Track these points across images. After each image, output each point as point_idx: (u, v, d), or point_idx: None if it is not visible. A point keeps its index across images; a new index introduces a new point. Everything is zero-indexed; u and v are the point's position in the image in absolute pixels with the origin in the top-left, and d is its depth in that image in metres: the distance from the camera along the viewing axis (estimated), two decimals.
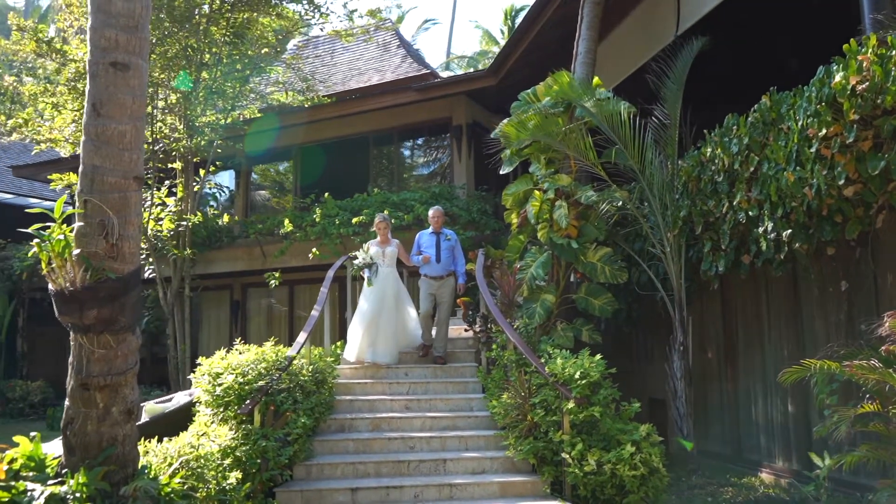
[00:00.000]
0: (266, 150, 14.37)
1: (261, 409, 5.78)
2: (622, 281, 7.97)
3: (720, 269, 6.84)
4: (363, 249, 8.36)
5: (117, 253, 3.78)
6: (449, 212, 11.17)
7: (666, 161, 7.51)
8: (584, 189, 8.00)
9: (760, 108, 6.12)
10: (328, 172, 13.98)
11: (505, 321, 7.04)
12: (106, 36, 3.64)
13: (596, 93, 8.29)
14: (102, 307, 3.75)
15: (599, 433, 5.93)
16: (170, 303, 12.07)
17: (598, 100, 7.96)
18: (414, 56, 15.58)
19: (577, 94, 7.54)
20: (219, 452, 5.07)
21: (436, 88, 12.04)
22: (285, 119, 13.27)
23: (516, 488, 6.05)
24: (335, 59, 16.96)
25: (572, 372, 6.04)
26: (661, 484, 5.73)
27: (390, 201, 11.37)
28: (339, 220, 11.31)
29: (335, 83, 14.80)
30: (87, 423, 3.92)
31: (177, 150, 12.06)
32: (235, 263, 13.31)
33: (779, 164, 5.78)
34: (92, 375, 3.86)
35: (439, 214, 8.59)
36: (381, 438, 6.70)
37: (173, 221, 11.96)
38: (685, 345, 7.37)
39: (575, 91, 7.56)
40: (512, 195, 8.71)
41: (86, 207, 3.73)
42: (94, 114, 3.69)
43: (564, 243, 7.92)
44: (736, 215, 6.41)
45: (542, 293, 8.04)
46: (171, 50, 11.27)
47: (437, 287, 8.34)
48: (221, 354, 6.33)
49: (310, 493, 5.87)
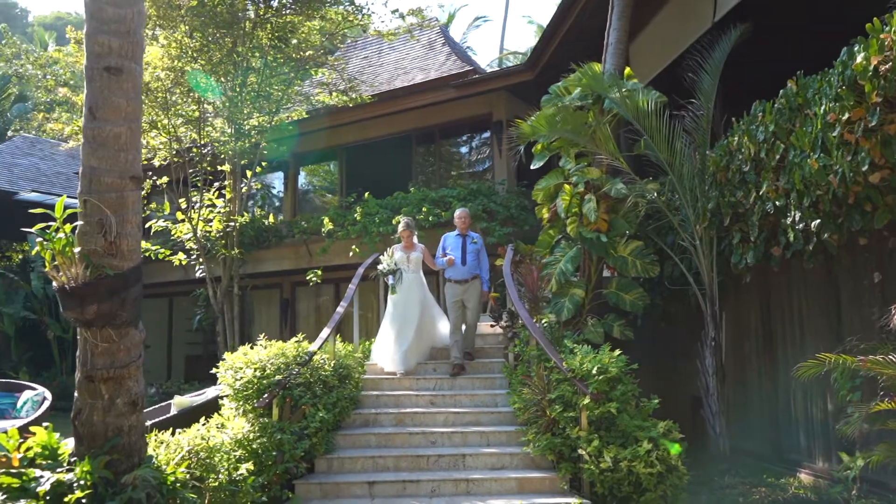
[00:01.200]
0: (312, 151, 14.69)
1: (278, 403, 5.91)
2: (654, 275, 7.79)
3: (749, 262, 6.59)
4: (387, 254, 8.24)
5: (116, 250, 3.94)
6: (487, 208, 11.16)
7: (696, 152, 7.29)
8: (614, 182, 7.85)
9: (786, 94, 5.89)
10: (372, 171, 14.17)
11: (527, 316, 6.98)
12: (99, 41, 3.80)
13: (626, 84, 8.15)
14: (102, 302, 3.91)
15: (618, 430, 5.81)
16: (220, 301, 12.43)
17: (627, 91, 7.82)
18: (459, 53, 15.60)
19: (604, 85, 7.40)
20: (232, 444, 5.21)
21: (473, 85, 12.03)
22: (329, 120, 13.53)
23: (534, 484, 6.00)
24: (382, 59, 17.13)
25: (590, 367, 5.94)
26: (679, 482, 5.58)
27: (429, 198, 11.43)
28: (379, 219, 11.44)
29: (380, 83, 14.97)
30: (94, 413, 4.10)
31: (225, 152, 12.42)
32: (282, 262, 13.63)
33: (804, 152, 5.55)
34: (96, 368, 4.04)
35: (465, 216, 8.41)
36: (403, 433, 6.75)
37: (221, 222, 12.31)
38: (717, 340, 7.14)
39: (600, 82, 7.43)
40: (543, 190, 8.62)
41: (85, 207, 3.90)
42: (91, 117, 3.86)
43: (594, 237, 7.79)
44: (764, 205, 6.18)
45: (572, 288, 7.93)
46: (216, 55, 11.59)
47: (462, 291, 8.10)
48: (244, 350, 6.50)
49: (328, 486, 5.97)
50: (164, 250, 12.60)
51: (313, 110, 13.20)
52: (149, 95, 11.14)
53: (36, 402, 8.73)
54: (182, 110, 11.97)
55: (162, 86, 11.19)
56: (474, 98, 12.56)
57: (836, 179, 5.19)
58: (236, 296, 12.60)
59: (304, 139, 14.26)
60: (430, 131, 13.67)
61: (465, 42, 25.83)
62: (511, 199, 11.43)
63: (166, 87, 11.24)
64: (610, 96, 7.42)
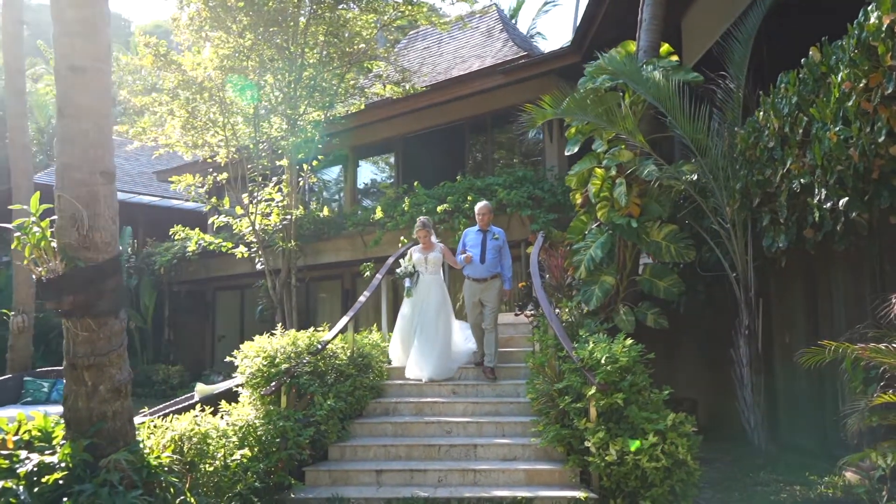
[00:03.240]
0: (370, 143, 14.87)
1: (286, 391, 6.02)
2: (689, 260, 7.44)
3: (781, 245, 6.17)
4: (406, 257, 7.93)
5: (90, 243, 4.10)
6: (533, 195, 10.96)
7: (725, 130, 6.89)
8: (646, 164, 7.53)
9: (808, 63, 5.46)
10: (427, 161, 14.20)
11: (547, 303, 6.80)
12: (63, 43, 3.96)
13: (660, 62, 7.80)
14: (78, 293, 4.08)
15: (627, 422, 5.58)
16: (278, 292, 12.78)
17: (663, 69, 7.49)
18: (516, 39, 15.38)
19: (624, 68, 7.09)
20: (230, 430, 5.34)
21: (520, 70, 11.82)
22: (385, 112, 13.64)
23: (543, 476, 5.85)
24: (441, 49, 17.12)
25: (599, 356, 5.73)
26: (689, 478, 5.29)
27: (475, 187, 11.34)
28: (426, 209, 11.44)
29: (438, 73, 14.98)
30: (79, 399, 4.30)
31: (282, 147, 12.73)
32: (340, 254, 13.88)
33: (826, 125, 5.12)
34: (78, 356, 4.23)
35: (486, 210, 7.83)
36: (420, 422, 6.73)
37: (279, 216, 12.64)
38: (751, 328, 6.74)
39: (619, 64, 7.13)
40: (576, 175, 8.37)
41: (59, 202, 4.08)
42: (60, 115, 4.03)
43: (625, 222, 7.51)
44: (790, 184, 5.76)
45: (602, 275, 7.67)
46: (267, 53, 11.88)
47: (480, 290, 7.56)
48: (260, 339, 6.66)
49: (337, 473, 6.03)
50: (227, 243, 13.06)
51: (369, 103, 13.34)
52: (202, 94, 11.55)
53: None
54: (238, 107, 12.34)
55: (215, 85, 11.56)
56: (524, 83, 12.32)
57: (856, 153, 4.77)
58: (294, 287, 12.93)
59: (362, 132, 14.44)
60: (483, 119, 13.54)
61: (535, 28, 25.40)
62: (559, 185, 11.17)
63: (219, 87, 11.60)
64: (627, 79, 7.10)
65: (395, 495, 5.63)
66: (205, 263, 15.90)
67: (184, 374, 15.20)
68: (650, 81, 7.07)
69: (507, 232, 11.29)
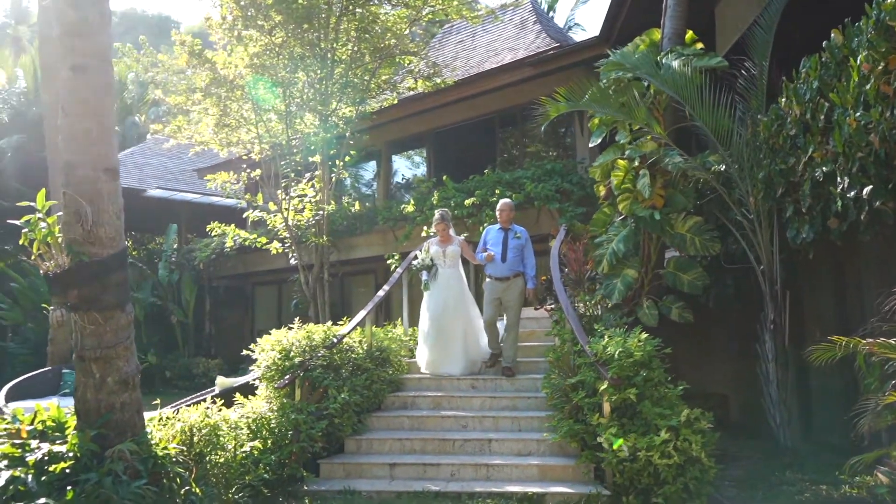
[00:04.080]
0: (402, 138, 14.90)
1: (300, 384, 6.08)
2: (714, 252, 7.25)
3: (805, 237, 5.95)
4: (423, 249, 7.80)
5: (94, 238, 4.20)
6: (561, 188, 10.83)
7: (748, 118, 6.68)
8: (670, 155, 7.35)
9: (830, 46, 5.24)
10: (459, 155, 14.18)
11: (564, 296, 6.71)
12: (64, 43, 4.05)
13: (685, 50, 7.60)
14: (83, 287, 4.19)
15: (641, 418, 5.46)
16: (312, 287, 12.92)
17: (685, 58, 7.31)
18: (550, 31, 15.21)
19: (636, 62, 6.95)
20: (244, 423, 5.42)
21: (548, 62, 11.67)
22: (416, 106, 13.65)
23: (556, 472, 5.79)
24: (475, 42, 17.05)
25: (613, 351, 5.62)
26: (703, 476, 5.15)
27: (503, 181, 11.25)
28: (454, 203, 11.41)
29: (471, 66, 14.93)
30: (87, 391, 4.41)
31: (313, 143, 12.85)
32: (373, 248, 13.95)
33: (847, 110, 4.91)
34: (85, 348, 4.34)
35: (507, 208, 7.71)
36: (436, 416, 6.73)
37: (311, 211, 12.77)
38: (777, 323, 6.53)
39: (629, 59, 7.01)
40: (600, 167, 8.21)
41: (64, 199, 4.18)
42: (63, 114, 4.13)
43: (648, 214, 7.35)
44: (813, 172, 5.54)
45: (624, 268, 7.53)
46: (297, 50, 11.99)
47: (501, 290, 7.41)
48: (277, 333, 6.73)
49: (351, 466, 6.07)
50: (261, 239, 13.26)
51: (402, 98, 13.37)
52: (235, 92, 11.72)
53: None
54: (269, 105, 12.49)
55: (246, 83, 11.72)
56: (554, 75, 12.14)
57: (877, 139, 4.56)
58: (327, 282, 13.05)
59: (394, 127, 14.49)
60: (513, 112, 13.43)
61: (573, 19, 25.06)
62: (588, 178, 10.98)
63: (251, 84, 11.75)
64: (641, 72, 6.95)
65: (407, 489, 5.64)
66: (242, 259, 16.18)
67: (223, 367, 15.47)
68: (669, 72, 6.89)
69: (536, 226, 11.22)
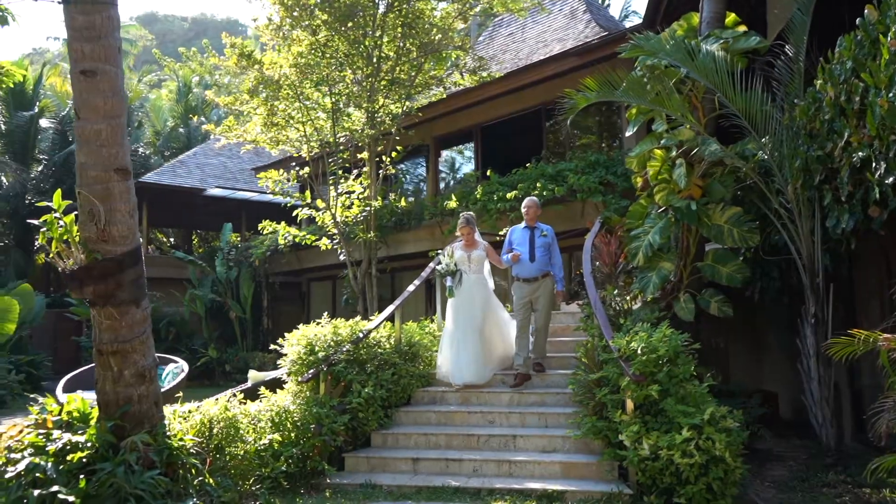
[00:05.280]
0: (450, 133, 14.90)
1: (323, 378, 6.15)
2: (753, 244, 6.95)
3: (845, 226, 5.63)
4: (446, 254, 7.50)
5: (108, 237, 4.34)
6: (605, 180, 10.61)
7: (786, 104, 6.37)
8: (707, 144, 7.09)
9: (864, 23, 4.94)
10: (506, 148, 14.07)
11: (594, 291, 6.56)
12: (74, 48, 4.19)
13: (724, 33, 7.32)
14: (98, 284, 4.34)
15: (665, 415, 5.30)
16: (360, 283, 13.07)
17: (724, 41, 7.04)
18: (600, 20, 14.93)
19: (661, 46, 6.73)
20: (265, 416, 5.52)
21: (592, 52, 11.41)
22: (463, 100, 13.61)
23: (579, 470, 5.67)
24: (525, 34, 16.90)
25: (636, 346, 5.47)
26: (728, 476, 4.95)
27: (546, 174, 11.10)
28: (497, 196, 11.33)
29: (520, 59, 14.80)
30: (106, 383, 4.57)
31: (361, 140, 12.98)
32: (420, 244, 14.00)
33: (880, 90, 4.63)
34: (103, 342, 4.50)
35: (533, 205, 7.47)
36: (463, 412, 6.70)
37: (359, 208, 12.91)
38: (819, 317, 6.21)
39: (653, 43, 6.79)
40: (636, 157, 7.99)
41: (80, 199, 4.34)
42: (76, 117, 4.28)
43: (684, 205, 7.11)
44: (850, 158, 5.24)
45: (660, 261, 7.31)
46: (342, 48, 12.12)
47: (530, 291, 7.15)
48: (305, 328, 6.82)
49: (375, 460, 6.11)
50: (311, 236, 13.49)
51: (449, 93, 13.36)
52: (280, 92, 11.95)
53: (175, 373, 9.83)
54: (318, 102, 12.67)
55: (292, 82, 11.92)
56: (600, 64, 11.89)
57: None
58: (375, 277, 13.18)
59: (442, 122, 14.50)
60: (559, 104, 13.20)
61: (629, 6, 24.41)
62: None
63: (296, 84, 11.95)
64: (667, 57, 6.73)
65: (428, 484, 5.63)
66: (297, 255, 16.51)
67: (277, 360, 15.83)
68: (707, 57, 6.64)
69: (581, 219, 11.03)
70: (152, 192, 18.47)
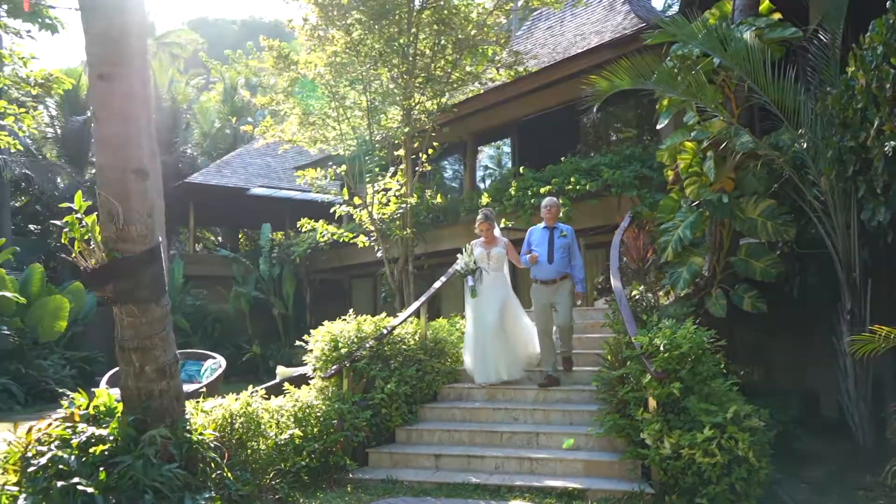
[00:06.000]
0: (486, 129, 14.85)
1: (346, 374, 6.20)
2: (788, 237, 6.75)
3: (882, 219, 5.40)
4: (466, 251, 7.39)
5: (126, 236, 4.47)
6: (640, 174, 10.42)
7: (818, 92, 6.15)
8: (739, 135, 6.90)
9: (894, 6, 4.72)
10: (542, 144, 13.94)
11: (620, 286, 6.45)
12: (91, 53, 4.31)
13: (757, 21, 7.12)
14: (117, 282, 4.46)
15: (688, 414, 5.18)
16: (397, 279, 13.14)
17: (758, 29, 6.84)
18: (639, 11, 14.64)
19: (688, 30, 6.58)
20: (287, 412, 5.60)
21: (626, 44, 11.19)
22: (497, 96, 13.55)
23: (601, 468, 5.60)
24: (563, 27, 16.72)
25: (659, 343, 5.36)
26: (751, 476, 4.81)
27: (580, 168, 10.97)
28: (531, 192, 11.25)
29: (558, 53, 14.64)
30: (128, 379, 4.70)
31: (396, 137, 13.04)
32: (457, 240, 13.93)
33: None
34: (124, 339, 4.63)
35: (552, 205, 7.24)
36: (488, 408, 6.67)
37: (396, 205, 12.98)
38: (855, 313, 5.99)
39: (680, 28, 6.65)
40: (667, 150, 7.83)
41: (99, 199, 4.47)
42: (94, 119, 4.40)
43: (715, 199, 6.93)
44: (883, 148, 5.03)
45: (691, 256, 7.14)
46: (376, 46, 12.19)
47: (549, 294, 6.94)
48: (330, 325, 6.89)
49: (398, 456, 6.14)
50: (348, 234, 13.61)
51: (485, 88, 13.33)
52: (315, 91, 12.08)
53: (213, 368, 10.05)
54: (354, 100, 12.77)
55: (326, 82, 12.04)
56: (637, 56, 11.68)
57: None
58: (412, 274, 13.22)
59: (479, 117, 14.45)
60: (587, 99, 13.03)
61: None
62: None
63: (330, 83, 12.06)
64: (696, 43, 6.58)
65: (449, 480, 5.63)
66: (337, 253, 16.68)
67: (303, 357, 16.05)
68: (736, 44, 6.46)
69: (616, 214, 10.84)
70: (198, 192, 18.92)
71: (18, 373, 12.12)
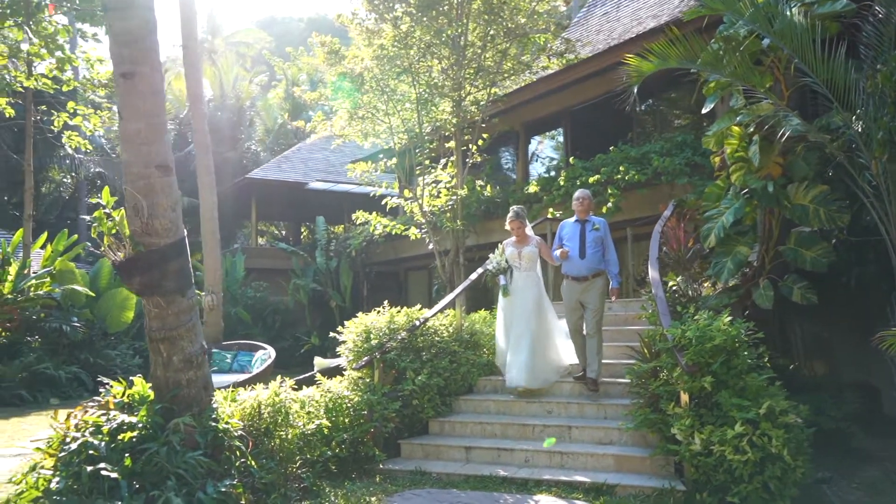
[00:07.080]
0: (538, 119, 14.65)
1: (377, 366, 6.23)
2: (842, 224, 6.42)
3: None
4: (498, 251, 7.26)
5: (151, 230, 4.59)
6: (691, 161, 10.09)
7: (871, 70, 5.80)
8: (788, 118, 6.57)
9: None
10: (595, 133, 13.67)
11: (656, 276, 6.25)
12: (115, 52, 4.44)
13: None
14: (143, 275, 4.60)
15: (721, 409, 4.98)
16: (448, 271, 13.14)
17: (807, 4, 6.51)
18: None
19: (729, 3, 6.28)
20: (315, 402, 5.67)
21: (680, 26, 10.81)
22: (548, 85, 13.34)
23: (633, 464, 5.46)
24: (619, 13, 16.35)
25: (691, 335, 5.17)
26: (786, 475, 4.59)
27: (630, 157, 10.70)
28: (580, 182, 11.05)
29: (612, 39, 14.33)
30: (157, 369, 4.84)
31: (447, 129, 13.02)
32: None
33: None
34: (152, 330, 4.77)
35: (584, 197, 6.94)
36: (522, 401, 6.61)
37: (446, 197, 12.97)
38: None
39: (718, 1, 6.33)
40: (714, 135, 7.53)
41: (126, 194, 4.61)
42: (119, 118, 4.54)
43: (761, 185, 6.64)
44: None
45: (737, 245, 6.87)
46: (425, 37, 12.17)
47: (580, 291, 6.67)
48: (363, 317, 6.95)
49: (430, 448, 6.14)
50: (400, 226, 13.69)
51: (539, 77, 13.16)
52: (363, 85, 12.17)
53: (263, 359, 10.28)
54: (401, 94, 12.81)
55: (374, 76, 12.10)
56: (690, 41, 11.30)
57: None
58: (463, 266, 13.19)
59: (530, 107, 14.28)
60: (648, 83, 12.65)
61: None
62: None
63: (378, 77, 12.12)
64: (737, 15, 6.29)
65: (477, 472, 5.60)
66: (392, 245, 16.82)
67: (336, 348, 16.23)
68: (782, 19, 6.15)
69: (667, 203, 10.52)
70: (259, 186, 19.37)
71: (87, 362, 12.69)
